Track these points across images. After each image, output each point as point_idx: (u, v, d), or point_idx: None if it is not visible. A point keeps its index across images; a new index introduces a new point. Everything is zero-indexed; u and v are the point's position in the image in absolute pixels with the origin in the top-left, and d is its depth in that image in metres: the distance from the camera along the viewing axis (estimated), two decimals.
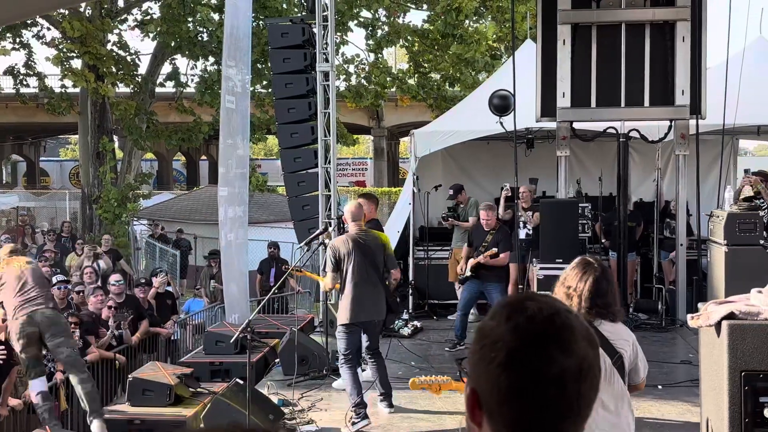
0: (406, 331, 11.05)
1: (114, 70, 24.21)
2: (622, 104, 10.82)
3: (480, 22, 25.33)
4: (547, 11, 10.98)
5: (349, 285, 7.65)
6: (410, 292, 12.67)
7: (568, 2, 10.77)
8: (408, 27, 25.02)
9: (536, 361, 1.44)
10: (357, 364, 7.95)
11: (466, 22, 24.01)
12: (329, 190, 12.10)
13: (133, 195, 25.07)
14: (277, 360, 9.68)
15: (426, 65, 25.52)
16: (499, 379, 1.45)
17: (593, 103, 10.88)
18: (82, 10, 24.03)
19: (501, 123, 11.39)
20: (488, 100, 11.62)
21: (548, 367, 1.44)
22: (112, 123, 26.01)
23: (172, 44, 23.93)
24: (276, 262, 16.47)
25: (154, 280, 12.82)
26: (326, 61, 11.96)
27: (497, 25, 24.20)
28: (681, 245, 11.10)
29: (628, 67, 10.77)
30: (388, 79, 25.12)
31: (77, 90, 25.90)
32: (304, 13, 12.87)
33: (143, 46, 65.46)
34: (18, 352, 7.77)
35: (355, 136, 30.43)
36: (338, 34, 23.01)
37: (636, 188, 13.92)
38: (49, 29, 25.76)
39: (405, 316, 11.92)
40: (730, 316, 4.18)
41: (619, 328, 4.03)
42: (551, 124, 11.43)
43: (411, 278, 12.87)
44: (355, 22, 24.56)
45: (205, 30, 23.36)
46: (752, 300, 4.23)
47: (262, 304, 9.66)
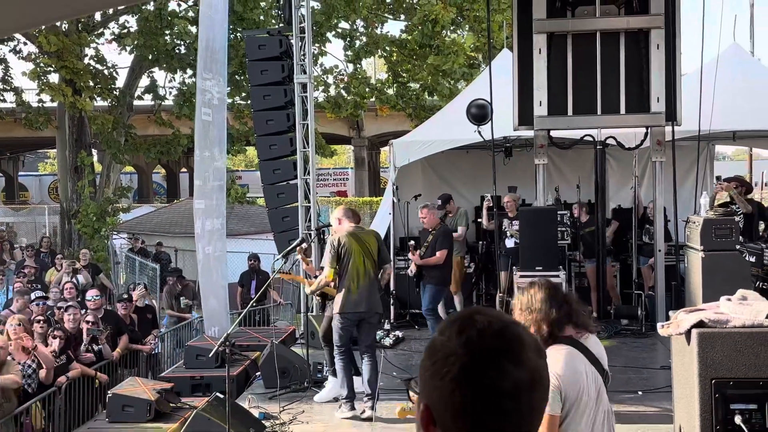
0: (387, 341, 11.05)
1: (91, 84, 24.12)
2: (599, 112, 10.88)
3: (457, 32, 25.43)
4: (523, 21, 11.03)
5: (348, 277, 7.88)
6: (391, 301, 12.67)
7: (544, 11, 10.83)
8: (386, 37, 25.07)
9: (490, 374, 1.45)
10: (350, 356, 8.14)
11: (444, 32, 24.09)
12: (309, 201, 12.10)
13: (112, 209, 24.93)
14: (258, 373, 9.65)
15: (404, 75, 25.58)
16: (453, 394, 1.46)
17: (570, 111, 10.93)
18: (58, 24, 23.92)
19: (479, 132, 11.43)
20: (466, 110, 11.65)
21: (501, 380, 1.45)
22: (90, 137, 25.89)
23: (150, 57, 23.86)
24: (257, 274, 16.41)
25: (132, 294, 12.75)
26: (304, 72, 11.99)
27: (475, 35, 24.28)
28: (659, 251, 11.17)
29: (603, 75, 10.83)
30: (366, 89, 25.15)
31: (55, 104, 25.78)
32: (281, 25, 12.87)
33: (121, 59, 65.18)
34: None
35: (334, 147, 30.45)
36: (316, 45, 23.02)
37: (614, 195, 14.01)
38: (25, 44, 25.65)
39: (386, 326, 11.93)
40: (700, 324, 4.20)
41: (598, 344, 3.87)
42: (529, 133, 11.48)
43: (392, 288, 12.87)
44: (333, 33, 24.59)
45: (182, 43, 23.30)
46: (721, 308, 4.25)
47: (241, 316, 9.62)
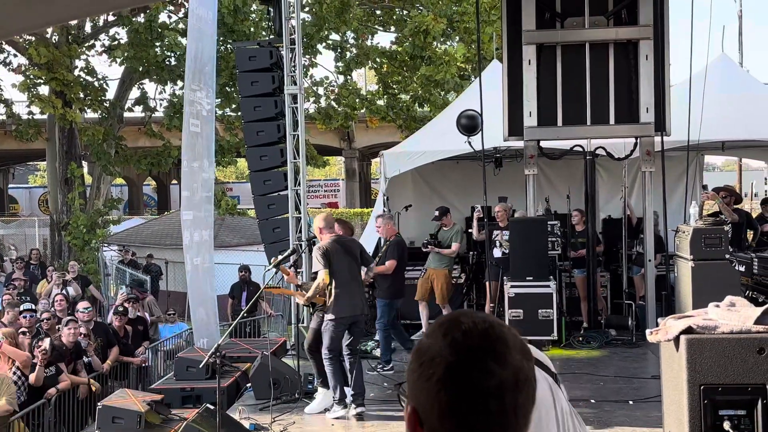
0: (378, 351, 11.02)
1: (81, 95, 24.07)
2: (588, 122, 10.93)
3: (448, 43, 25.52)
4: (512, 32, 11.09)
5: (339, 283, 8.10)
6: None
7: (533, 23, 10.89)
8: (376, 49, 25.13)
9: (474, 374, 1.46)
10: (340, 359, 8.27)
11: (435, 43, 24.18)
12: (299, 213, 12.09)
13: (103, 221, 24.86)
14: (248, 384, 9.62)
15: (395, 86, 25.64)
16: (438, 395, 1.47)
17: (559, 121, 10.98)
18: (48, 36, 23.92)
19: (469, 143, 11.47)
20: (456, 121, 11.69)
21: (486, 380, 1.46)
22: (80, 149, 25.84)
23: (140, 69, 23.84)
24: (247, 285, 16.37)
25: (120, 297, 12.71)
26: (294, 83, 11.99)
27: (465, 46, 24.38)
28: (650, 261, 11.20)
29: (593, 85, 10.89)
30: (357, 100, 25.19)
31: (45, 116, 25.72)
32: (271, 37, 12.87)
33: (111, 71, 65.15)
34: None
35: (325, 158, 30.46)
36: (307, 56, 23.07)
37: (604, 205, 14.05)
38: (15, 56, 25.62)
39: (377, 336, 11.90)
40: (688, 330, 4.21)
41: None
42: (519, 143, 11.52)
43: None
44: (324, 44, 24.64)
45: (172, 54, 23.30)
46: (710, 314, 4.26)
47: (231, 327, 9.60)
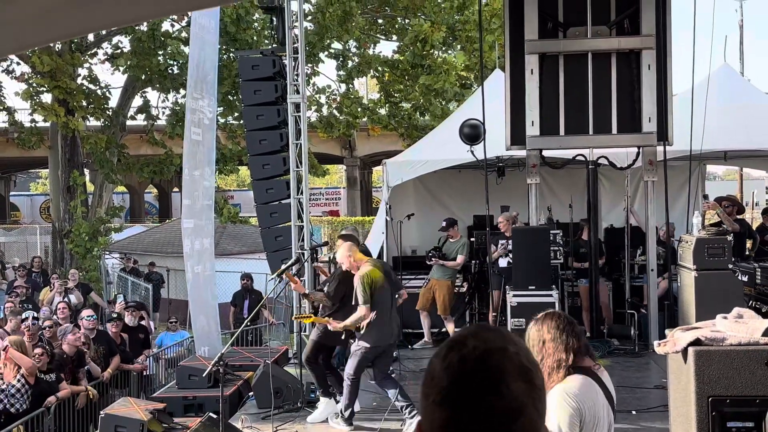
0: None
1: (84, 103, 24.13)
2: (591, 132, 10.93)
3: (448, 52, 25.57)
4: (515, 41, 11.10)
5: (381, 310, 7.94)
6: None
7: (536, 32, 10.91)
8: (378, 57, 25.19)
9: (464, 400, 1.48)
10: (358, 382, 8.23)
11: (435, 52, 24.23)
12: (302, 221, 12.09)
13: (105, 229, 24.89)
14: (251, 393, 9.61)
15: (396, 95, 25.68)
16: (433, 416, 1.50)
17: (562, 131, 10.99)
18: (51, 44, 23.96)
19: (472, 152, 11.47)
20: (459, 129, 11.70)
21: (475, 407, 1.47)
22: (82, 156, 25.88)
23: (143, 77, 23.91)
24: (250, 293, 16.37)
25: (118, 305, 12.72)
26: (297, 92, 12.01)
27: (466, 55, 24.42)
28: (652, 270, 11.19)
29: (595, 95, 10.90)
30: (359, 109, 25.23)
31: (48, 124, 25.77)
32: (274, 45, 12.90)
33: (114, 79, 65.39)
34: None
35: (327, 167, 30.48)
36: (309, 65, 23.12)
37: (606, 214, 14.04)
38: (18, 64, 25.67)
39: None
40: (697, 342, 4.21)
41: (609, 380, 3.74)
42: (521, 152, 11.52)
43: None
44: (326, 53, 24.70)
45: (175, 63, 23.36)
46: (718, 326, 4.26)
47: (234, 336, 9.59)
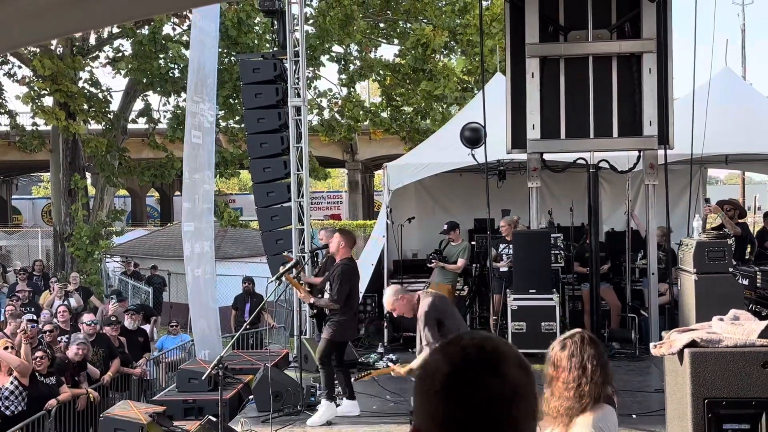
0: (381, 364, 11.00)
1: (85, 107, 24.15)
2: (591, 135, 10.93)
3: (449, 57, 25.59)
4: (516, 45, 11.11)
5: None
6: (385, 324, 12.64)
7: (536, 36, 10.91)
8: (380, 61, 25.19)
9: (470, 385, 1.50)
10: None
11: (438, 57, 24.23)
12: (303, 224, 12.10)
13: (106, 232, 24.90)
14: (250, 396, 9.60)
15: (398, 99, 25.68)
16: (437, 408, 1.51)
17: (563, 134, 10.98)
18: (53, 47, 24.01)
19: (473, 155, 11.46)
20: (460, 133, 11.69)
21: (480, 391, 1.49)
22: (84, 160, 25.91)
23: (144, 81, 23.93)
24: (251, 297, 16.36)
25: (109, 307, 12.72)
26: (298, 95, 12.02)
27: (468, 59, 24.42)
28: (653, 274, 11.17)
29: (596, 98, 10.89)
30: (360, 112, 25.23)
31: (49, 127, 25.79)
32: (275, 49, 12.92)
33: (115, 83, 65.52)
34: None
35: (328, 170, 30.48)
36: (310, 68, 23.13)
37: (607, 218, 14.02)
38: (20, 67, 25.73)
39: (380, 349, 11.90)
40: (692, 344, 4.20)
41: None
42: (522, 156, 11.51)
43: (386, 311, 12.82)
44: (328, 56, 24.70)
45: (176, 66, 23.38)
46: (714, 327, 4.25)
47: (234, 339, 9.59)
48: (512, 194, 13.55)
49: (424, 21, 24.25)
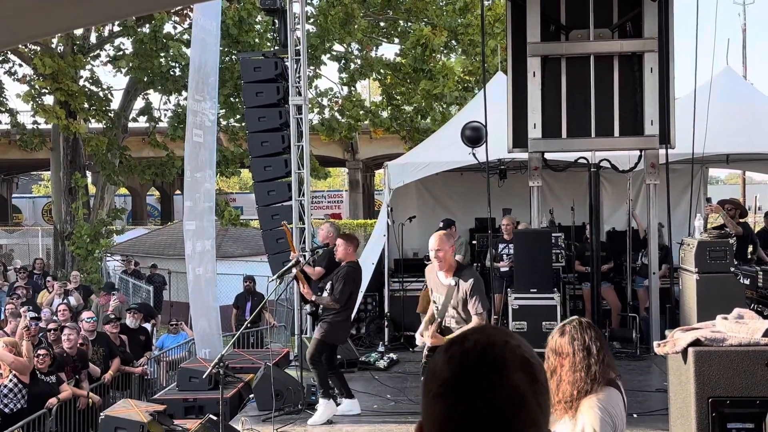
0: (382, 363, 11.00)
1: (86, 105, 24.14)
2: (593, 135, 10.92)
3: (449, 56, 25.57)
4: (517, 44, 11.10)
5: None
6: (386, 323, 12.63)
7: (538, 35, 10.90)
8: (381, 60, 25.18)
9: (464, 392, 1.49)
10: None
11: (437, 56, 24.22)
12: (303, 223, 12.09)
13: (106, 231, 24.90)
14: (251, 395, 9.59)
15: (399, 98, 25.67)
16: (435, 410, 1.51)
17: (564, 133, 10.97)
18: (53, 46, 24.00)
19: (474, 154, 11.45)
20: (461, 132, 11.68)
21: (476, 399, 1.48)
22: (84, 158, 25.91)
23: (145, 79, 23.93)
24: (252, 296, 16.35)
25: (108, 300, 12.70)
26: (299, 94, 12.01)
27: (469, 58, 24.41)
28: (654, 273, 11.16)
29: (597, 98, 10.88)
30: (361, 112, 25.22)
31: (50, 126, 25.79)
32: (276, 48, 12.91)
33: (116, 81, 65.48)
34: None
35: (329, 169, 30.46)
36: (311, 67, 23.12)
37: (608, 218, 14.02)
38: (20, 65, 25.70)
39: (381, 348, 11.89)
40: (696, 342, 4.19)
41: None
42: (523, 155, 11.51)
43: (386, 310, 12.84)
44: (328, 55, 24.69)
45: (177, 65, 23.38)
46: (717, 326, 4.24)
47: (235, 338, 9.58)
48: (513, 193, 13.54)
49: (425, 20, 24.25)
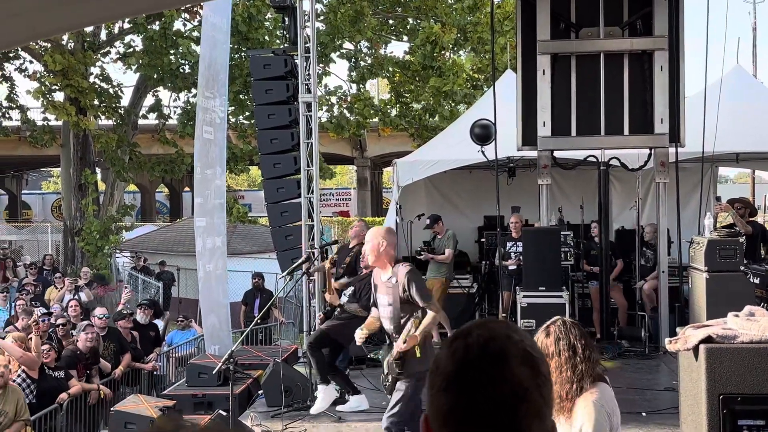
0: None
1: (96, 102, 24.21)
2: (602, 133, 10.91)
3: (459, 54, 25.55)
4: (527, 42, 11.09)
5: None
6: None
7: (548, 33, 10.90)
8: (390, 58, 25.18)
9: (467, 386, 1.51)
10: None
11: (446, 54, 24.21)
12: (312, 220, 12.11)
13: (116, 227, 24.97)
14: (260, 391, 9.62)
15: (407, 96, 25.67)
16: (439, 403, 1.53)
17: (573, 131, 10.97)
18: (64, 43, 24.07)
19: (483, 152, 11.45)
20: (470, 130, 11.69)
21: (478, 393, 1.50)
22: (94, 155, 25.98)
23: (155, 76, 23.98)
24: (261, 292, 16.38)
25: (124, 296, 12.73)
26: (308, 92, 12.02)
27: (478, 56, 24.39)
28: (663, 272, 11.14)
29: (607, 96, 10.87)
30: (371, 110, 25.22)
31: (60, 123, 25.87)
32: (286, 45, 12.92)
33: (126, 78, 65.76)
34: None
35: (336, 167, 30.46)
36: (321, 65, 23.13)
37: (617, 216, 13.99)
38: (31, 62, 25.79)
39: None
40: (708, 339, 4.19)
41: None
42: (532, 153, 11.50)
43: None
44: (338, 53, 24.70)
45: (187, 62, 23.42)
46: (729, 324, 4.24)
47: (244, 334, 9.61)
48: (522, 191, 13.54)
49: (434, 18, 24.23)
